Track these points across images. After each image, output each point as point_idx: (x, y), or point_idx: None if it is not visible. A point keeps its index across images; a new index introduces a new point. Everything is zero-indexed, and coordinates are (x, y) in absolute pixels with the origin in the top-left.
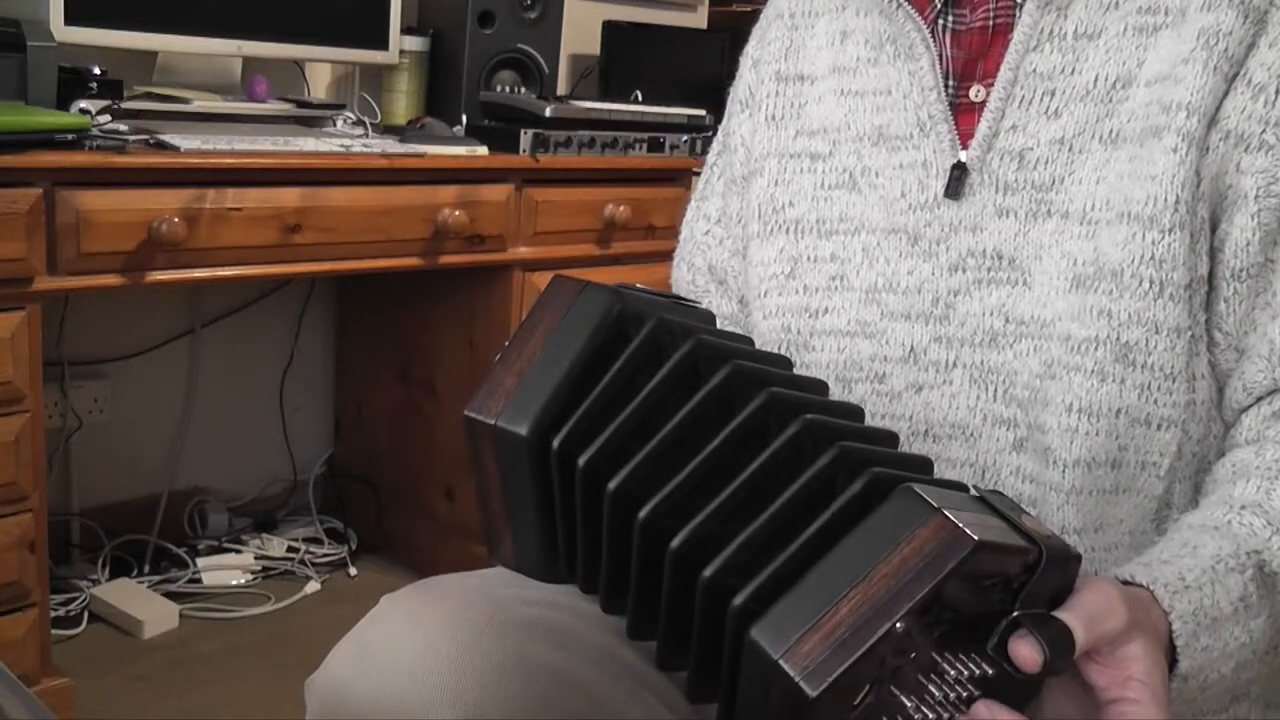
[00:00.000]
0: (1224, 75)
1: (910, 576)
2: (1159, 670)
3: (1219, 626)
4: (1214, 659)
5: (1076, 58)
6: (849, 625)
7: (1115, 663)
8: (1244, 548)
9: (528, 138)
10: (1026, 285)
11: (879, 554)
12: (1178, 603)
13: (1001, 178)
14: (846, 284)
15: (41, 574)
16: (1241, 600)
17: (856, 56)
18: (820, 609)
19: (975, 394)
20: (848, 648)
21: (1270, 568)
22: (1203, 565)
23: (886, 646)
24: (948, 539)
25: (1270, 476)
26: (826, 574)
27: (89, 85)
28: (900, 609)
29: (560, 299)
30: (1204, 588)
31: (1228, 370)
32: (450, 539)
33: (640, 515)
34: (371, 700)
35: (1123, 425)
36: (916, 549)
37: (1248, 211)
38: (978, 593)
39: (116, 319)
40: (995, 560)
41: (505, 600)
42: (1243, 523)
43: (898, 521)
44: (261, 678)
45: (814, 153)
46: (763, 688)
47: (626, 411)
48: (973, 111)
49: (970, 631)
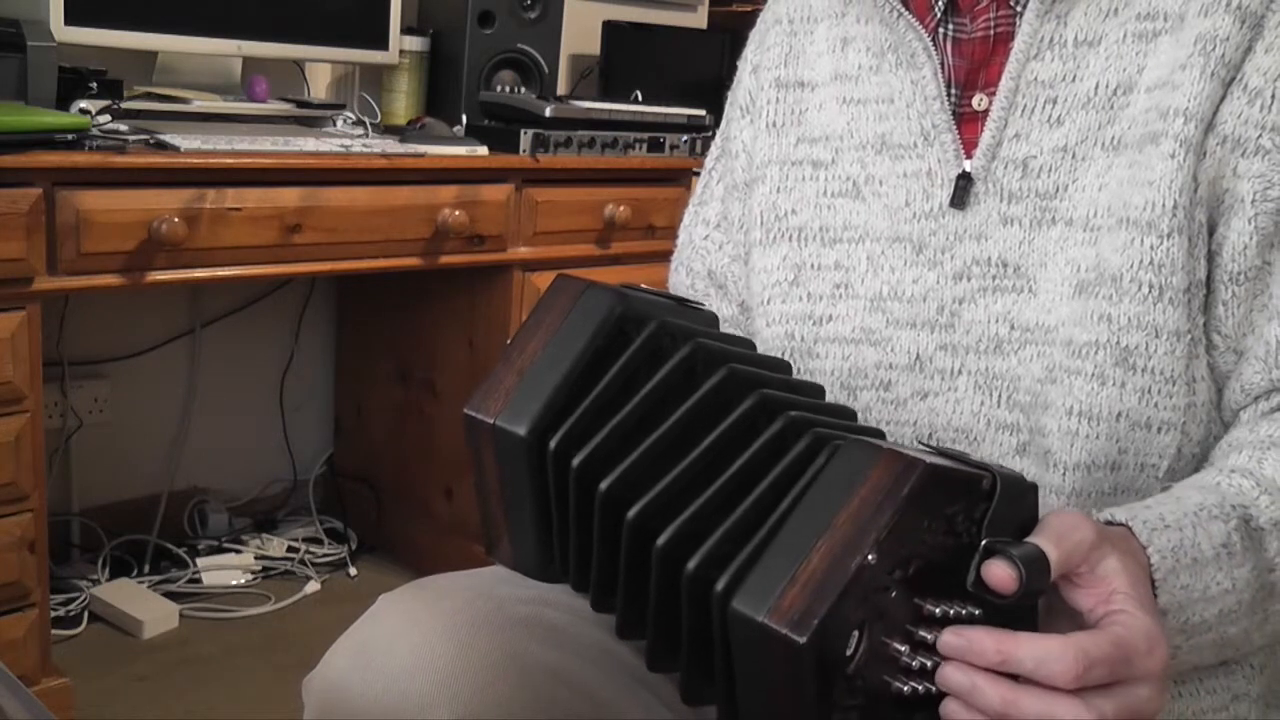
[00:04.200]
0: (1221, 80)
1: (871, 512)
2: (1142, 583)
3: (1199, 568)
4: (1194, 599)
5: (1077, 65)
6: (823, 570)
7: (1096, 581)
8: (1229, 501)
9: (528, 138)
10: (1031, 292)
11: (839, 503)
12: (1156, 539)
13: (1006, 186)
14: (851, 292)
15: (41, 574)
16: (1224, 547)
17: (858, 64)
18: (793, 565)
19: (979, 400)
20: (826, 590)
21: (1256, 523)
22: (1185, 510)
23: (864, 583)
24: (899, 469)
25: (1262, 448)
26: (792, 534)
27: (89, 85)
28: (868, 541)
29: (563, 299)
30: (1184, 529)
31: (1226, 373)
32: (450, 539)
33: (629, 515)
34: (369, 699)
35: (1123, 428)
36: (872, 487)
37: (1245, 216)
38: (941, 524)
39: (116, 319)
40: (950, 486)
41: (502, 599)
42: (1231, 483)
43: (850, 470)
44: (261, 678)
45: (816, 160)
46: (757, 655)
47: (622, 414)
48: (975, 120)
49: (949, 576)
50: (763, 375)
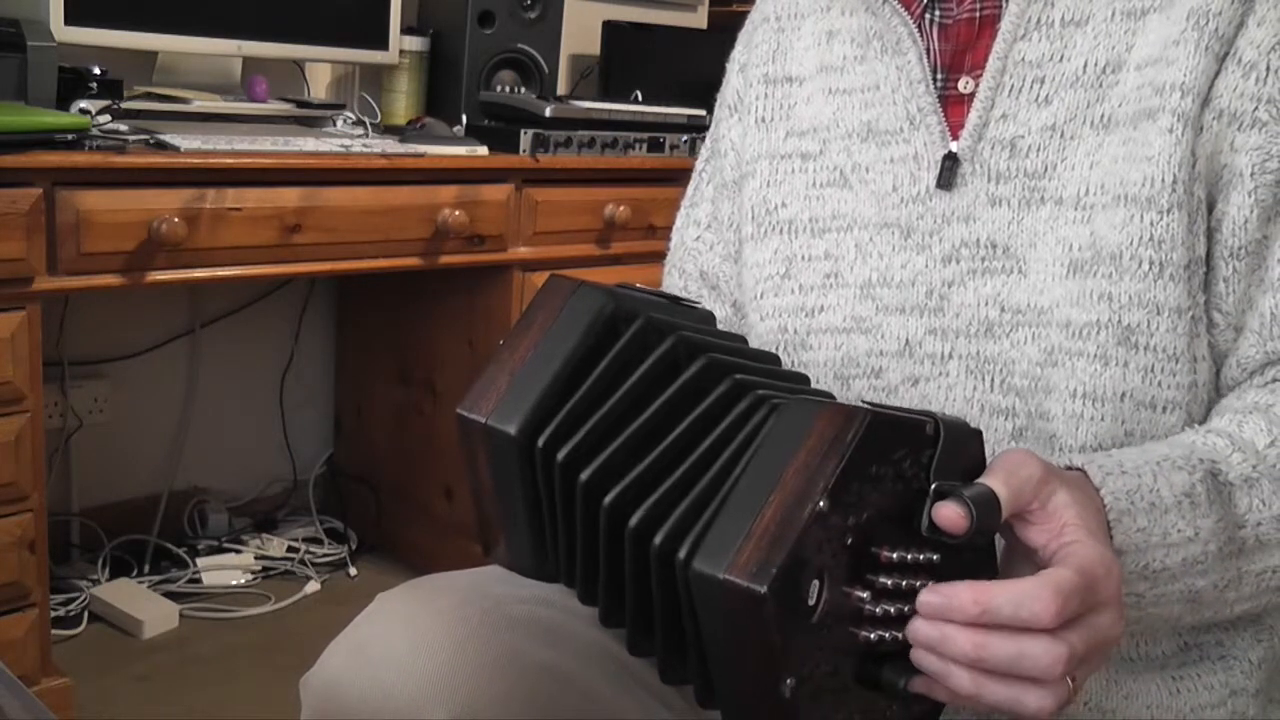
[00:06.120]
0: (1215, 55)
1: (819, 461)
2: (1093, 516)
3: (1158, 513)
4: (1153, 544)
5: (1065, 45)
6: (778, 522)
7: (1047, 517)
8: (1197, 455)
9: (528, 138)
10: (1021, 273)
11: (787, 458)
12: (1110, 482)
13: (993, 167)
14: (841, 281)
15: (41, 574)
16: (1187, 496)
17: (843, 55)
18: (748, 521)
19: (972, 385)
20: (782, 540)
21: (1225, 478)
22: (1147, 459)
23: (819, 531)
24: (843, 421)
25: (1244, 412)
26: (744, 493)
27: (89, 85)
28: (818, 490)
29: (554, 298)
30: (1143, 476)
31: (1226, 350)
32: (450, 539)
33: (605, 501)
34: (365, 698)
35: (1128, 409)
36: (818, 439)
37: (1244, 189)
38: (889, 470)
39: (116, 319)
40: (894, 432)
41: (499, 598)
42: (1205, 441)
43: (794, 426)
44: (261, 678)
45: (805, 152)
46: (721, 613)
47: (605, 408)
48: (962, 103)
49: (903, 524)
50: (741, 364)
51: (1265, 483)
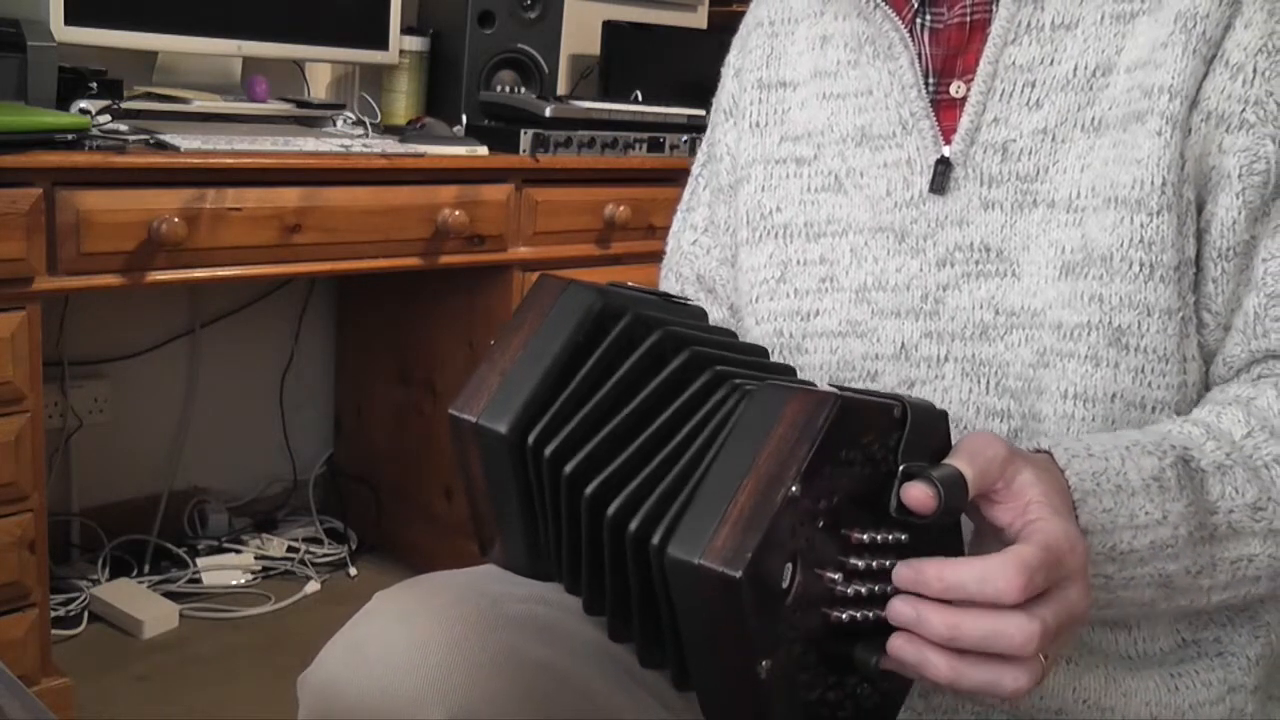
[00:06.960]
0: (1203, 57)
1: (790, 446)
2: (1057, 494)
3: (1124, 495)
4: (1120, 525)
5: (1055, 48)
6: (751, 507)
7: (1012, 496)
8: (1169, 441)
9: (528, 138)
10: (1015, 276)
11: (758, 444)
12: (1075, 464)
13: (985, 170)
14: (836, 285)
15: (41, 574)
16: (1155, 480)
17: (837, 60)
18: (721, 507)
19: (967, 387)
20: (755, 525)
21: (1197, 464)
22: (1116, 443)
23: (791, 515)
24: (812, 406)
25: (1224, 404)
26: (717, 480)
27: (89, 85)
28: (789, 474)
29: (545, 297)
30: (1110, 459)
31: (1215, 351)
32: (449, 539)
33: (586, 491)
34: (363, 697)
35: (1118, 409)
36: (789, 425)
37: (1232, 191)
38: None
39: (116, 319)
40: (862, 416)
41: (496, 596)
42: (1180, 429)
43: (766, 412)
44: (261, 678)
45: (799, 157)
46: (696, 597)
47: (592, 403)
48: (954, 107)
49: (873, 507)
50: (724, 355)
51: (1239, 471)
